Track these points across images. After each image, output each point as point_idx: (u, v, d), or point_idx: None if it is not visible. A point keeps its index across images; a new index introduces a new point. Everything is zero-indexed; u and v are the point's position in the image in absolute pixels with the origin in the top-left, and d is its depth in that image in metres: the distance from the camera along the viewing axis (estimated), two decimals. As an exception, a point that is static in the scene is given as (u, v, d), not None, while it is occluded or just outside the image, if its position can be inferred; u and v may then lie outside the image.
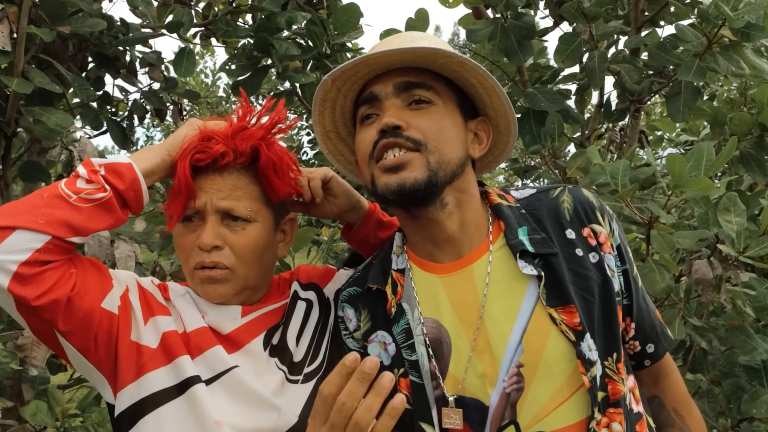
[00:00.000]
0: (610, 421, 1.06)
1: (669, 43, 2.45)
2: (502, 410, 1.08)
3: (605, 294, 1.12)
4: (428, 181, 1.08)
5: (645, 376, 1.27)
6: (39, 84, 2.11)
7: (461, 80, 1.17)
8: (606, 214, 1.18)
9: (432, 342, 1.13)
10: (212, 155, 1.15)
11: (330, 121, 1.27)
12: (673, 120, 2.40)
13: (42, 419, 1.99)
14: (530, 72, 3.03)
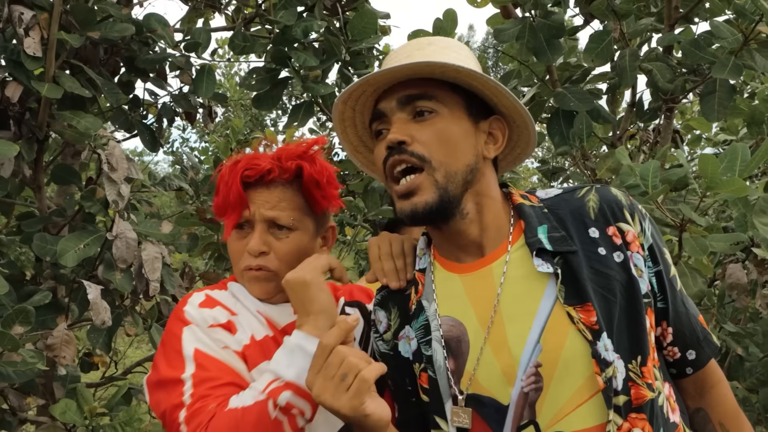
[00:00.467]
0: (631, 426, 1.04)
1: (703, 41, 2.38)
2: (521, 410, 1.07)
3: (629, 294, 1.09)
4: (439, 200, 1.10)
5: (689, 387, 1.21)
6: (69, 89, 2.15)
7: (465, 84, 1.17)
8: (637, 213, 1.15)
9: (450, 339, 1.14)
10: (260, 171, 1.28)
11: (355, 137, 1.31)
12: (707, 120, 2.32)
13: (71, 417, 2.02)
14: (560, 71, 2.98)
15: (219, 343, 1.27)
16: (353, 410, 1.01)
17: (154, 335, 2.30)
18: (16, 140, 2.17)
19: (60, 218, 2.40)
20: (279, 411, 1.10)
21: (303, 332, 1.16)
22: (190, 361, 1.21)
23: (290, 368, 1.13)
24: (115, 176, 2.09)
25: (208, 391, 1.17)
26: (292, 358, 1.14)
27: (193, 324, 1.26)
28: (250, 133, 3.69)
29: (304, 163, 1.31)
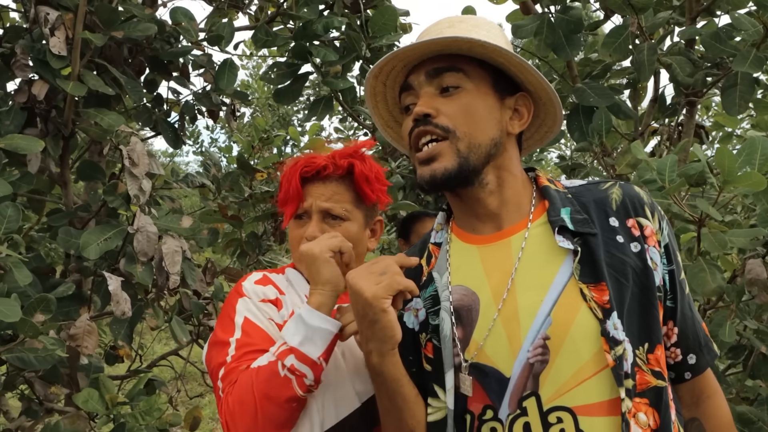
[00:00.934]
0: (636, 410, 1.05)
1: (725, 33, 2.34)
2: (524, 381, 1.09)
3: (643, 282, 1.11)
4: (459, 168, 1.14)
5: (685, 395, 1.22)
6: (93, 87, 2.21)
7: (492, 60, 1.18)
8: (657, 212, 1.18)
9: (459, 308, 1.17)
10: (316, 167, 1.46)
11: (386, 112, 1.35)
12: (728, 113, 2.29)
13: (93, 406, 2.08)
14: (580, 67, 2.96)
15: (265, 314, 1.42)
16: (375, 297, 1.07)
17: (175, 328, 2.35)
18: (43, 137, 2.23)
19: (85, 213, 2.46)
20: (287, 371, 1.22)
21: (306, 305, 1.28)
22: (238, 327, 1.37)
23: (295, 336, 1.25)
24: (136, 171, 2.14)
25: (246, 354, 1.31)
26: (297, 326, 1.26)
27: (247, 297, 1.43)
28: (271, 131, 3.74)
29: (355, 161, 1.48)
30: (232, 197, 2.91)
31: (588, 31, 2.96)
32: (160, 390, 2.83)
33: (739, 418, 2.01)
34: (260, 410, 1.22)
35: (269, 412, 1.22)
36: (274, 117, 9.12)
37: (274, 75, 2.67)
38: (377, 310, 1.07)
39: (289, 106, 10.77)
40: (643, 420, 1.05)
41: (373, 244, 1.58)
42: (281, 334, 1.28)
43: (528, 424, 1.07)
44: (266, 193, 3.47)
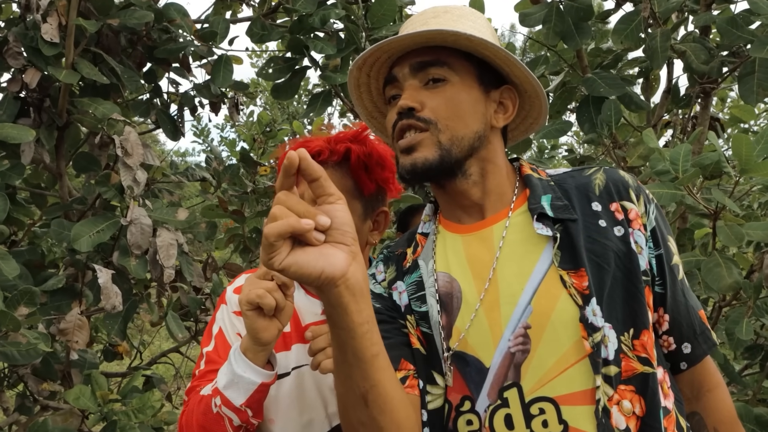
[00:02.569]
0: (620, 398, 1.03)
1: (741, 19, 2.24)
2: (505, 370, 1.07)
3: (626, 266, 1.09)
4: (440, 159, 1.12)
5: (685, 388, 1.17)
6: (87, 75, 2.16)
7: (477, 53, 1.17)
8: (642, 195, 1.16)
9: (443, 295, 1.16)
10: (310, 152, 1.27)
11: (370, 102, 1.33)
12: (745, 102, 2.19)
13: (84, 403, 2.01)
14: (591, 57, 2.87)
15: (234, 328, 1.35)
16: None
17: (171, 324, 2.29)
18: (36, 127, 2.18)
19: (81, 206, 2.41)
20: (218, 408, 1.17)
21: (237, 346, 1.18)
22: (213, 338, 1.34)
23: (222, 377, 1.18)
24: (130, 162, 2.08)
25: (208, 373, 1.28)
26: (227, 367, 1.19)
27: (226, 305, 1.37)
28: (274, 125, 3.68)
29: (352, 146, 1.36)
30: (232, 191, 2.84)
31: (598, 20, 2.87)
32: (158, 387, 2.77)
33: (756, 420, 1.91)
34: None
35: None
36: (283, 115, 9.06)
37: (272, 70, 2.59)
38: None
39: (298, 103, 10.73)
40: (627, 407, 1.03)
41: (375, 238, 1.45)
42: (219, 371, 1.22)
43: (509, 416, 1.05)
44: (270, 187, 3.41)
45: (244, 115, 2.95)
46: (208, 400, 1.19)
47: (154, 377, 2.78)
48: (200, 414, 1.19)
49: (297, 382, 1.32)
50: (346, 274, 0.86)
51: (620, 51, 2.76)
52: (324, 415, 1.32)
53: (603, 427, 1.00)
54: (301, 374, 1.33)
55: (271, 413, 1.30)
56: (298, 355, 1.33)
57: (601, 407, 1.01)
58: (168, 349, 3.25)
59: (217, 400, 1.17)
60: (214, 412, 1.18)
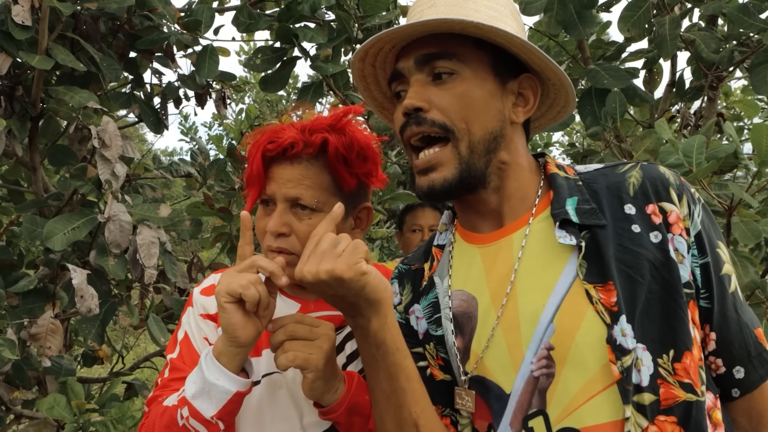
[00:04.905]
0: (659, 429, 0.90)
1: (753, 7, 2.14)
2: (529, 396, 0.96)
3: (665, 277, 0.95)
4: (459, 176, 1.02)
5: (740, 418, 1.02)
6: (62, 62, 2.02)
7: (489, 39, 1.03)
8: (686, 195, 1.00)
9: (459, 315, 1.06)
10: (281, 145, 1.16)
11: (378, 93, 1.21)
12: (757, 92, 2.09)
13: (59, 413, 1.88)
14: (593, 49, 2.77)
15: (201, 333, 1.22)
16: (350, 268, 0.92)
17: (152, 328, 2.15)
18: (8, 117, 2.04)
19: (57, 202, 2.27)
20: (185, 420, 1.04)
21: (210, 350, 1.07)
22: (178, 344, 1.22)
23: (192, 385, 1.06)
24: (108, 154, 1.94)
25: (172, 382, 1.16)
26: (196, 374, 1.07)
27: (192, 307, 1.25)
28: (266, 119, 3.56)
29: (330, 136, 1.17)
30: (218, 187, 2.71)
31: (601, 9, 2.76)
32: (141, 394, 2.64)
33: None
34: None
35: None
36: (272, 112, 8.90)
37: (260, 61, 2.46)
38: (359, 277, 0.93)
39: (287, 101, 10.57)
40: None
41: (358, 236, 1.29)
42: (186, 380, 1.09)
43: None
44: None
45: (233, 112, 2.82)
46: (172, 412, 1.06)
47: (135, 383, 2.64)
48: (162, 427, 1.06)
49: (268, 391, 1.20)
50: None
51: (623, 42, 2.66)
52: (299, 426, 1.19)
53: None
54: (272, 381, 1.20)
55: (238, 425, 1.17)
56: (270, 361, 1.18)
57: None
58: (152, 353, 3.10)
59: (184, 411, 1.04)
60: (180, 425, 1.04)
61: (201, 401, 1.03)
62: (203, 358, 1.06)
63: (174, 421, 1.05)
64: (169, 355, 1.23)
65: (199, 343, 1.21)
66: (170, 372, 1.18)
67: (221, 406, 1.04)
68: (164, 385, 1.16)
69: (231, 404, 1.05)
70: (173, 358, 1.21)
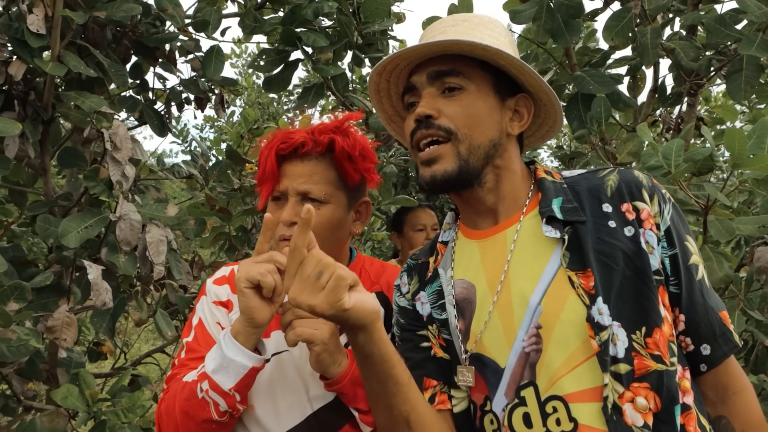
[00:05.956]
0: (634, 395, 1.04)
1: (730, 18, 2.28)
2: (521, 370, 1.10)
3: (637, 265, 1.09)
4: (458, 170, 1.15)
5: (708, 391, 1.15)
6: (74, 68, 2.11)
7: (493, 62, 1.19)
8: (657, 195, 1.15)
9: (460, 301, 1.20)
10: (293, 144, 1.32)
11: (390, 107, 1.36)
12: (733, 99, 2.22)
13: (72, 403, 1.97)
14: (579, 56, 2.89)
15: (214, 317, 1.36)
16: (331, 306, 1.01)
17: (160, 322, 2.25)
18: (21, 121, 2.13)
19: (66, 202, 2.36)
20: (204, 394, 1.17)
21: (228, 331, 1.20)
22: (192, 329, 1.35)
23: (211, 362, 1.19)
24: (119, 156, 2.04)
25: (189, 361, 1.29)
26: (215, 352, 1.19)
27: (206, 296, 1.39)
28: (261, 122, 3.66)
29: (336, 137, 1.35)
30: (220, 188, 2.81)
31: (587, 18, 2.89)
32: (144, 387, 2.73)
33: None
34: (181, 425, 1.20)
35: (188, 428, 1.19)
36: (264, 114, 9.00)
37: (264, 62, 2.57)
38: (340, 315, 1.03)
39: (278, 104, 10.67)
40: (642, 404, 1.03)
41: (358, 228, 1.46)
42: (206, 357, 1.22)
43: (528, 414, 1.08)
44: (255, 185, 3.37)
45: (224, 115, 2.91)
46: (192, 386, 1.19)
47: (140, 377, 2.73)
48: (183, 400, 1.19)
49: (277, 368, 1.33)
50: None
51: (608, 49, 2.79)
52: (306, 398, 1.32)
53: (614, 425, 1.02)
54: (280, 360, 1.34)
55: (252, 399, 1.30)
56: (278, 342, 1.34)
57: (610, 404, 1.02)
58: (153, 349, 3.20)
59: (204, 384, 1.17)
60: (199, 397, 1.17)
61: (220, 375, 1.16)
62: (222, 338, 1.18)
63: (194, 394, 1.18)
64: (184, 338, 1.36)
65: (213, 326, 1.35)
66: (186, 353, 1.31)
67: (238, 380, 1.17)
68: (182, 365, 1.29)
69: (247, 378, 1.18)
70: (189, 341, 1.34)
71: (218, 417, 1.18)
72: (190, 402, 1.18)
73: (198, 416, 1.18)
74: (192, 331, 1.35)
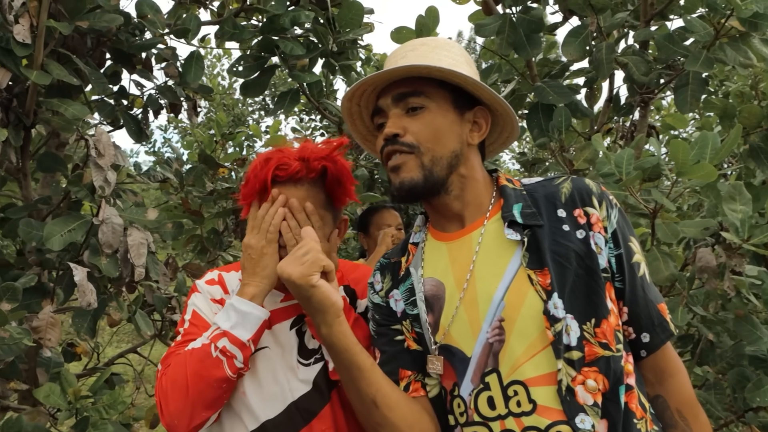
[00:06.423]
0: (585, 378, 1.17)
1: (678, 35, 2.46)
2: (485, 358, 1.22)
3: (587, 264, 1.22)
4: (424, 179, 1.28)
5: (648, 374, 1.30)
6: (57, 76, 2.18)
7: (450, 80, 1.32)
8: (605, 201, 1.29)
9: (430, 297, 1.32)
10: (290, 172, 1.44)
11: (363, 127, 1.48)
12: (680, 110, 2.40)
13: (55, 401, 2.04)
14: (539, 67, 3.05)
15: (210, 310, 1.50)
16: (302, 277, 1.20)
17: (139, 321, 2.33)
18: (4, 127, 2.18)
19: (45, 206, 2.42)
20: (219, 352, 1.31)
21: (238, 295, 1.38)
22: (187, 321, 1.48)
23: (227, 321, 1.35)
24: (102, 162, 2.11)
25: (187, 342, 1.41)
26: (229, 313, 1.36)
27: (200, 293, 1.53)
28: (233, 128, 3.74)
29: (328, 164, 1.47)
30: (196, 191, 2.88)
31: (547, 32, 3.05)
32: (120, 386, 2.79)
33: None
34: (191, 388, 1.30)
35: (200, 390, 1.30)
36: (229, 116, 9.03)
37: (242, 68, 2.67)
38: (307, 287, 1.21)
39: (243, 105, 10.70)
40: (592, 386, 1.17)
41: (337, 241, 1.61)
42: (214, 320, 1.39)
43: (491, 397, 1.21)
44: (227, 189, 3.46)
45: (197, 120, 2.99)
46: (205, 348, 1.32)
47: (116, 376, 2.79)
48: (196, 362, 1.31)
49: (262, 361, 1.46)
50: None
51: (567, 62, 2.95)
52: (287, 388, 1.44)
53: (568, 404, 1.15)
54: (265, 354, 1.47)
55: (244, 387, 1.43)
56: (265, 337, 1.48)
57: (564, 387, 1.16)
58: (126, 349, 3.25)
59: (220, 342, 1.32)
60: (214, 356, 1.31)
61: (238, 329, 1.34)
62: (235, 302, 1.36)
63: (207, 355, 1.31)
64: (180, 327, 1.49)
65: (210, 315, 1.48)
66: (183, 337, 1.44)
67: (255, 330, 1.35)
68: (178, 345, 1.41)
69: (260, 329, 1.37)
70: (185, 329, 1.47)
71: (231, 373, 1.32)
72: (203, 363, 1.31)
73: (212, 375, 1.30)
74: (186, 323, 1.47)
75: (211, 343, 1.32)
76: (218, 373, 1.30)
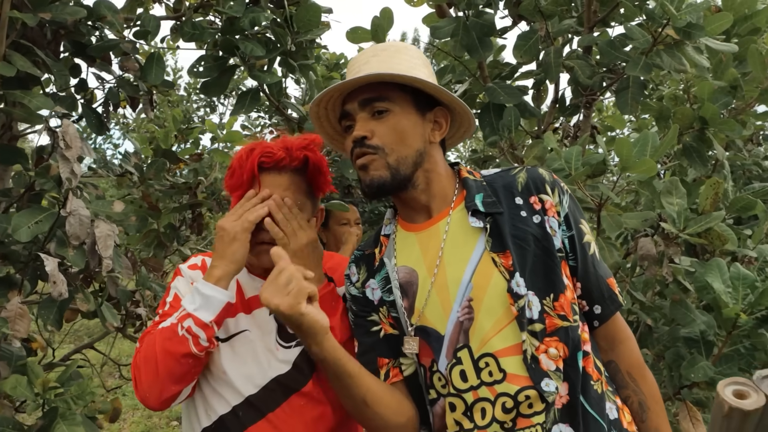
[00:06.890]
0: (547, 347, 1.31)
1: (618, 42, 2.64)
2: (457, 335, 1.34)
3: (544, 245, 1.36)
4: (391, 177, 1.39)
5: (601, 341, 1.46)
6: (21, 68, 2.18)
7: (411, 84, 1.43)
8: (557, 188, 1.43)
9: (404, 284, 1.43)
10: (275, 159, 1.54)
11: (330, 128, 1.58)
12: (621, 112, 2.59)
13: (21, 392, 2.04)
14: (490, 69, 3.20)
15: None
16: (291, 308, 1.24)
17: (105, 313, 2.34)
18: (-37, 118, 2.17)
19: (5, 198, 2.40)
20: (185, 331, 1.40)
21: (204, 278, 1.45)
22: (167, 303, 1.56)
23: (191, 304, 1.43)
24: (69, 154, 2.12)
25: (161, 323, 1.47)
26: (194, 296, 1.44)
27: (182, 277, 1.61)
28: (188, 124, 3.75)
29: (309, 154, 1.57)
30: (158, 185, 2.90)
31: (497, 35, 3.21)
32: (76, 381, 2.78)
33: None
34: (161, 364, 1.38)
35: (168, 365, 1.39)
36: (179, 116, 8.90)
37: (203, 68, 2.71)
38: (297, 316, 1.25)
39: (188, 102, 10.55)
40: (554, 353, 1.30)
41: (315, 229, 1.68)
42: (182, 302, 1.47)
43: (464, 371, 1.33)
44: (185, 184, 3.47)
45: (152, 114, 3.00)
46: (173, 327, 1.41)
47: (73, 372, 2.78)
48: (164, 340, 1.40)
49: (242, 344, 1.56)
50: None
51: (516, 64, 3.12)
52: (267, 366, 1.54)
53: (533, 371, 1.29)
54: (245, 336, 1.57)
55: (224, 366, 1.53)
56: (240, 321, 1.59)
57: (529, 356, 1.29)
58: (83, 344, 3.23)
59: (186, 322, 1.40)
60: (180, 334, 1.39)
61: (201, 312, 1.41)
62: (197, 286, 1.43)
63: (174, 333, 1.40)
64: (160, 310, 1.56)
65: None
66: (160, 318, 1.51)
67: (217, 313, 1.42)
68: (155, 324, 1.49)
69: (223, 312, 1.43)
70: (165, 310, 1.54)
71: (196, 350, 1.40)
72: (171, 340, 1.39)
73: (178, 351, 1.39)
74: (167, 305, 1.55)
75: (178, 323, 1.41)
76: (184, 349, 1.39)
